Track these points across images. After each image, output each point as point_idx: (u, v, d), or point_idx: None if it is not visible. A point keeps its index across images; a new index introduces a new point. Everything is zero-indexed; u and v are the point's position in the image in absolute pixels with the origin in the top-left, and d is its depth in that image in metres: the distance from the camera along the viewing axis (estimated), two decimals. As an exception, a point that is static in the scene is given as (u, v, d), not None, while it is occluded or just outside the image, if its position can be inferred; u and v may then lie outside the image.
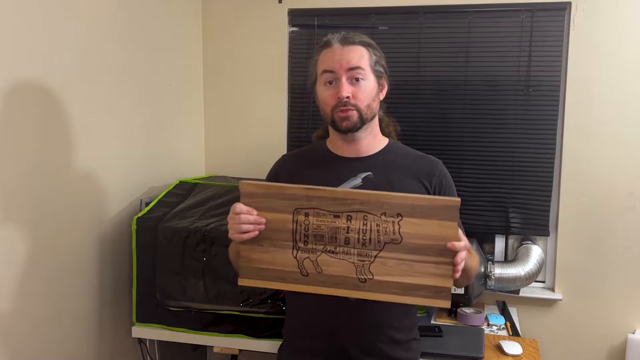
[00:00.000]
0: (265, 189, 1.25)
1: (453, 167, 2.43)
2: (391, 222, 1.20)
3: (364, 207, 1.21)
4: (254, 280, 1.29)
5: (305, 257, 1.25)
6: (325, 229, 1.23)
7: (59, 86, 1.74)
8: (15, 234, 1.60)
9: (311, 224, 1.23)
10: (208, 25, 2.69)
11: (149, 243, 1.98)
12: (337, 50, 1.35)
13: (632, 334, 2.32)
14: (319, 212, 1.23)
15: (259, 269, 1.28)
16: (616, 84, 2.28)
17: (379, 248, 1.22)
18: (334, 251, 1.24)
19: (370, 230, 1.21)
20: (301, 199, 1.23)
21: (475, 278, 2.22)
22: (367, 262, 1.22)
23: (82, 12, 1.84)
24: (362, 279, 1.23)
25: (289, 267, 1.26)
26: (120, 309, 2.11)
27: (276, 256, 1.26)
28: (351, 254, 1.23)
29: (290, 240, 1.25)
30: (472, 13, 2.41)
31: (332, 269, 1.24)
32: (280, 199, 1.24)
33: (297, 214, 1.24)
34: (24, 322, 1.65)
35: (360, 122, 1.35)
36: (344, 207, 1.21)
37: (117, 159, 2.06)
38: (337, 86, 1.34)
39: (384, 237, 1.21)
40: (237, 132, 2.71)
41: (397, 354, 1.41)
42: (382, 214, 1.20)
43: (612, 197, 2.32)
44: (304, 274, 1.26)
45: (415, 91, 2.48)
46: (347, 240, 1.22)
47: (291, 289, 1.28)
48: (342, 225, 1.22)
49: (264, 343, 1.95)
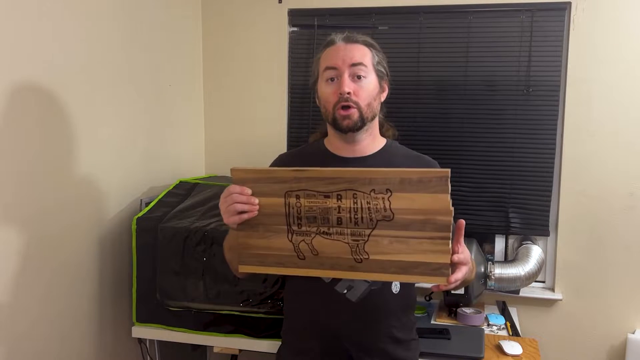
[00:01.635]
0: (255, 173, 1.24)
1: (453, 167, 2.40)
2: (381, 199, 1.17)
3: (352, 185, 1.18)
4: (254, 267, 1.28)
5: (301, 240, 1.24)
6: (317, 210, 1.21)
7: (59, 86, 1.74)
8: (15, 234, 1.60)
9: (303, 206, 1.22)
10: (208, 25, 2.69)
11: (149, 243, 1.98)
12: (340, 48, 1.36)
13: (632, 334, 2.32)
14: (309, 194, 1.21)
15: (257, 255, 1.27)
16: (616, 84, 2.28)
17: (372, 226, 1.19)
18: (328, 232, 1.22)
19: (362, 208, 1.19)
20: (290, 181, 1.22)
21: (475, 278, 2.22)
22: (362, 242, 1.20)
23: (82, 12, 1.84)
24: (358, 259, 1.21)
25: (286, 252, 1.25)
26: (120, 309, 2.11)
27: (272, 241, 1.26)
28: (345, 234, 1.21)
29: (284, 224, 1.24)
30: (472, 13, 2.41)
31: (327, 250, 1.23)
32: (270, 183, 1.23)
33: (288, 196, 1.22)
34: (24, 322, 1.65)
35: (361, 121, 1.35)
36: (333, 187, 1.20)
37: (117, 159, 2.07)
38: (339, 83, 1.34)
39: (375, 214, 1.18)
40: (237, 132, 2.71)
41: (399, 354, 1.41)
42: (372, 191, 1.18)
43: (612, 197, 2.32)
44: (301, 257, 1.25)
45: (415, 91, 2.48)
46: (340, 220, 1.21)
47: (291, 273, 1.27)
48: (333, 205, 1.20)
49: (264, 343, 1.95)
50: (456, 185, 2.46)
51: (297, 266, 1.25)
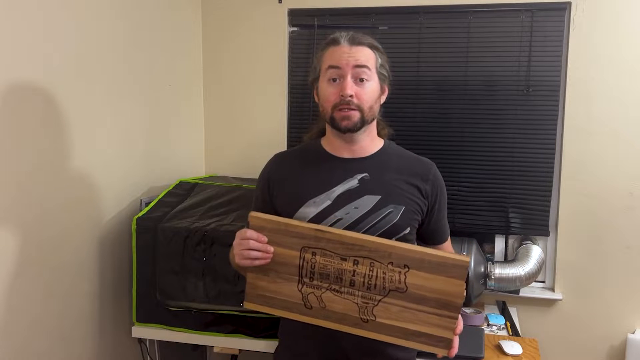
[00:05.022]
0: (275, 224, 1.25)
1: (453, 167, 2.45)
2: (397, 272, 1.21)
3: (371, 255, 1.21)
4: (259, 306, 1.30)
5: (310, 292, 1.26)
6: (332, 269, 1.24)
7: (58, 86, 1.74)
8: (15, 234, 1.60)
9: (318, 263, 1.24)
10: (208, 25, 2.69)
11: (149, 243, 1.98)
12: (344, 48, 1.35)
13: (632, 334, 2.32)
14: (326, 253, 1.23)
15: (264, 296, 1.29)
16: (616, 84, 2.28)
17: (384, 294, 1.23)
18: (339, 290, 1.24)
19: (376, 276, 1.22)
20: (309, 239, 1.24)
21: (475, 278, 2.22)
22: (371, 305, 1.24)
23: (81, 12, 1.84)
24: (365, 319, 1.24)
25: (293, 299, 1.27)
26: (120, 309, 2.11)
27: (282, 287, 1.27)
28: (355, 295, 1.24)
29: (296, 274, 1.26)
30: (472, 13, 2.41)
31: (335, 305, 1.25)
32: (288, 236, 1.25)
33: (305, 251, 1.25)
34: (24, 322, 1.65)
35: (361, 123, 1.34)
36: (352, 252, 1.22)
37: (117, 159, 2.07)
38: (341, 84, 1.33)
39: (389, 284, 1.22)
40: (237, 132, 2.71)
41: (397, 354, 1.40)
42: (389, 263, 1.21)
43: (612, 197, 2.32)
44: (308, 306, 1.27)
45: (415, 91, 2.48)
46: (352, 283, 1.23)
47: (295, 319, 1.29)
48: (349, 268, 1.23)
49: (264, 343, 1.95)
50: (456, 185, 2.48)
51: (303, 314, 1.28)
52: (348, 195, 1.34)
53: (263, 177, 1.46)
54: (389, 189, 1.35)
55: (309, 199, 1.33)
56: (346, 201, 1.33)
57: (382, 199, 1.34)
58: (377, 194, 1.34)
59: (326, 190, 1.35)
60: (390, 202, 1.34)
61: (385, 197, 1.34)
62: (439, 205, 1.42)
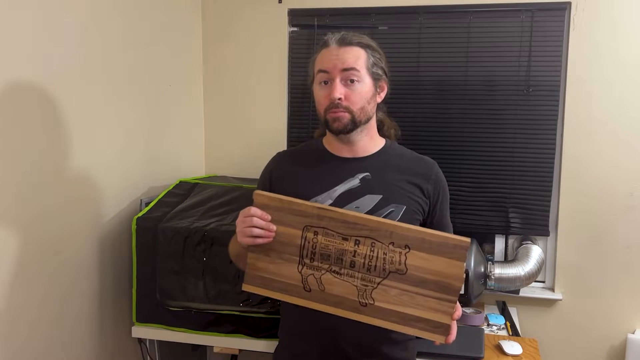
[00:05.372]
0: (278, 202, 1.26)
1: (453, 167, 2.45)
2: (398, 253, 1.21)
3: (373, 234, 1.22)
4: (258, 288, 1.30)
5: (310, 274, 1.26)
6: (333, 249, 1.24)
7: (58, 86, 1.74)
8: (15, 234, 1.60)
9: (319, 243, 1.24)
10: (208, 25, 2.69)
11: (149, 243, 1.98)
12: (333, 51, 1.34)
13: (632, 334, 2.32)
14: (328, 232, 1.24)
15: (263, 278, 1.29)
16: (616, 84, 2.28)
17: (383, 276, 1.22)
18: (339, 272, 1.24)
19: (377, 257, 1.22)
20: (312, 217, 1.24)
21: (475, 278, 2.22)
22: (370, 288, 1.23)
23: (81, 12, 1.83)
24: (363, 302, 1.24)
25: (292, 281, 1.27)
26: (120, 309, 2.11)
27: (281, 268, 1.27)
28: (355, 277, 1.24)
29: (297, 255, 1.26)
30: (472, 13, 2.41)
31: (334, 288, 1.25)
32: (291, 214, 1.25)
33: (307, 231, 1.25)
34: (24, 322, 1.65)
35: (352, 124, 1.34)
36: (353, 231, 1.22)
37: (117, 159, 2.06)
38: (331, 87, 1.33)
39: (389, 266, 1.22)
40: (237, 132, 2.71)
41: (396, 354, 1.41)
42: (390, 243, 1.21)
43: (612, 197, 2.32)
44: (307, 289, 1.27)
45: (415, 91, 2.48)
46: (353, 264, 1.23)
47: (292, 302, 1.29)
48: (349, 249, 1.23)
49: (264, 343, 1.95)
50: (456, 185, 2.48)
51: (301, 297, 1.27)
52: (349, 194, 1.35)
53: (265, 175, 1.47)
54: (390, 188, 1.35)
55: (310, 197, 1.34)
56: (347, 200, 1.34)
57: (384, 198, 1.34)
58: (378, 194, 1.34)
59: (328, 189, 1.35)
60: (391, 201, 1.34)
61: (387, 197, 1.34)
62: (441, 205, 1.42)
